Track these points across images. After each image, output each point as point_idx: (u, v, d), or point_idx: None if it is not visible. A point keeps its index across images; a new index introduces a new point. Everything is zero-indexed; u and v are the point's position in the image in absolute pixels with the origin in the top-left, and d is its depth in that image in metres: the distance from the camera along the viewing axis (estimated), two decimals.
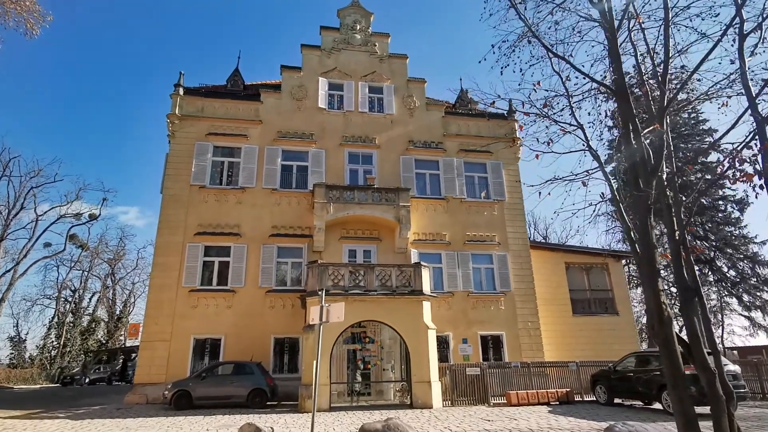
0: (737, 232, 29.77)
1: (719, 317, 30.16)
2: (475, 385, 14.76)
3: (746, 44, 5.03)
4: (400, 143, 20.48)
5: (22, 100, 71.91)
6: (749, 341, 31.41)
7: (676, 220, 5.22)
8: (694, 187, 19.84)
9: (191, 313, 16.60)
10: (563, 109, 6.65)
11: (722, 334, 30.42)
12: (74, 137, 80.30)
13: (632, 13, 5.97)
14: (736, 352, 29.01)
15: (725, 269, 30.03)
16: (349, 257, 18.30)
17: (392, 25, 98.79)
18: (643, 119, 6.04)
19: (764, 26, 5.27)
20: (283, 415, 12.27)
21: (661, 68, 5.75)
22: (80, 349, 38.15)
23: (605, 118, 7.11)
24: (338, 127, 20.25)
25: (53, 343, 37.83)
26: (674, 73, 6.21)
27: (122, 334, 42.77)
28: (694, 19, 6.17)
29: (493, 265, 19.41)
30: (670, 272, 24.05)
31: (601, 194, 6.20)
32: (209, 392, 13.80)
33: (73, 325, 38.77)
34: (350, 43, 21.87)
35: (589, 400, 14.89)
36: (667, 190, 5.36)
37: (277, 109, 19.99)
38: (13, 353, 37.71)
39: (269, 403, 14.30)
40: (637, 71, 6.27)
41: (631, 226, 5.72)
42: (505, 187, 20.67)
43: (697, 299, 5.17)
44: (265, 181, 18.77)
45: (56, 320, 39.12)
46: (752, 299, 29.32)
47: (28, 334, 50.10)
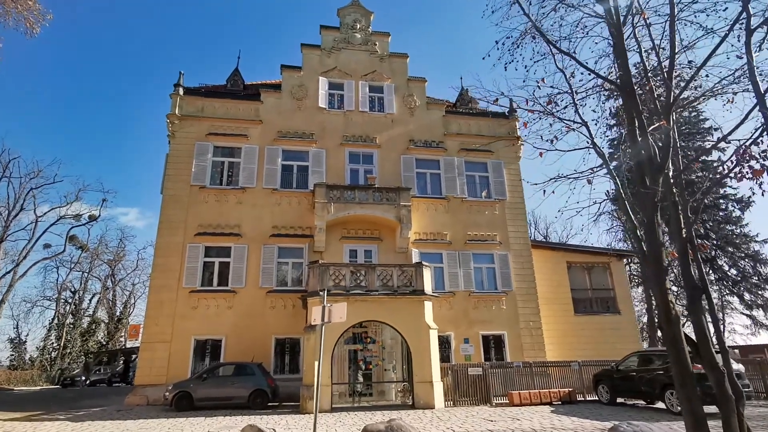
0: (738, 230, 29.76)
1: (720, 316, 30.13)
2: (477, 385, 14.70)
3: (753, 39, 4.98)
4: (400, 143, 20.43)
5: (22, 100, 71.96)
6: (750, 340, 31.41)
7: (682, 217, 5.17)
8: (695, 186, 19.81)
9: (192, 313, 16.54)
10: (567, 106, 6.61)
11: (723, 332, 30.39)
12: (74, 137, 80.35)
13: (637, 8, 5.93)
14: (737, 351, 28.93)
15: (726, 268, 30.01)
16: (349, 257, 18.25)
17: (392, 24, 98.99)
18: (646, 116, 5.98)
19: None
20: (284, 416, 12.22)
21: (666, 64, 5.71)
22: (80, 350, 38.09)
23: (609, 116, 7.06)
24: (339, 126, 20.19)
25: (53, 344, 37.76)
26: (680, 68, 6.14)
27: (122, 335, 42.72)
28: (699, 15, 6.12)
29: (494, 264, 19.36)
30: (671, 271, 23.98)
31: (606, 192, 6.16)
32: (210, 393, 13.75)
33: (73, 326, 38.71)
34: (350, 42, 21.81)
35: (591, 399, 14.85)
36: (673, 187, 5.31)
37: (277, 108, 19.94)
38: (13, 355, 37.63)
39: (270, 404, 14.24)
40: (641, 68, 6.21)
41: (636, 224, 5.67)
42: (506, 186, 20.61)
43: (704, 297, 5.13)
44: (265, 181, 18.72)
45: (56, 322, 39.07)
46: (754, 298, 29.32)
47: (28, 335, 50.36)
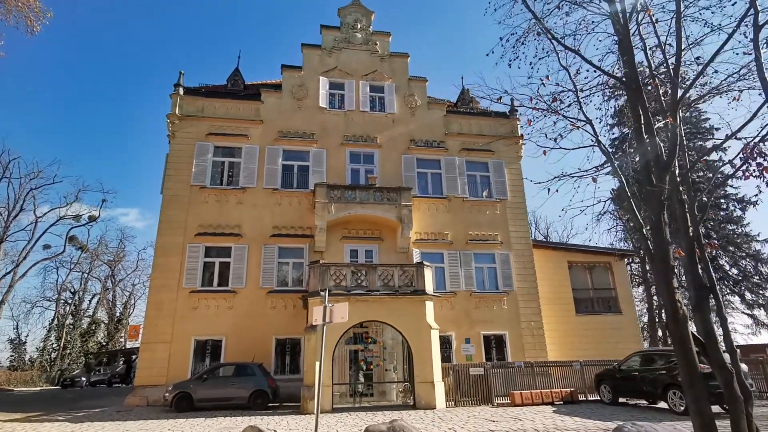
0: (740, 230, 29.69)
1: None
2: (478, 385, 14.64)
3: (761, 36, 4.94)
4: (401, 142, 20.37)
5: (22, 100, 71.98)
6: (751, 339, 31.34)
7: (689, 216, 5.12)
8: (698, 185, 19.77)
9: (192, 314, 16.48)
10: (570, 104, 6.55)
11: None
12: (74, 137, 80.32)
13: (643, 5, 5.87)
14: (739, 350, 28.89)
15: (727, 267, 29.93)
16: (350, 257, 18.18)
17: (393, 24, 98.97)
18: (651, 114, 5.93)
19: None
20: (285, 416, 12.16)
21: (672, 61, 5.65)
22: (80, 351, 38.02)
23: (613, 114, 7.02)
24: (339, 126, 20.14)
25: (53, 345, 37.70)
26: (687, 65, 6.10)
27: (122, 336, 42.66)
28: (704, 12, 6.07)
29: (495, 264, 19.30)
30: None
31: (611, 190, 6.12)
32: (210, 394, 13.68)
33: (73, 327, 38.66)
34: (351, 42, 21.76)
35: (593, 399, 14.80)
36: (680, 186, 5.26)
37: (277, 108, 19.88)
38: (13, 355, 37.57)
39: (271, 404, 14.17)
40: (646, 65, 6.16)
41: (642, 222, 5.61)
42: (507, 186, 20.56)
43: (712, 297, 5.08)
44: (265, 181, 18.66)
45: (56, 322, 39.00)
46: (755, 297, 29.22)
47: (28, 336, 50.22)
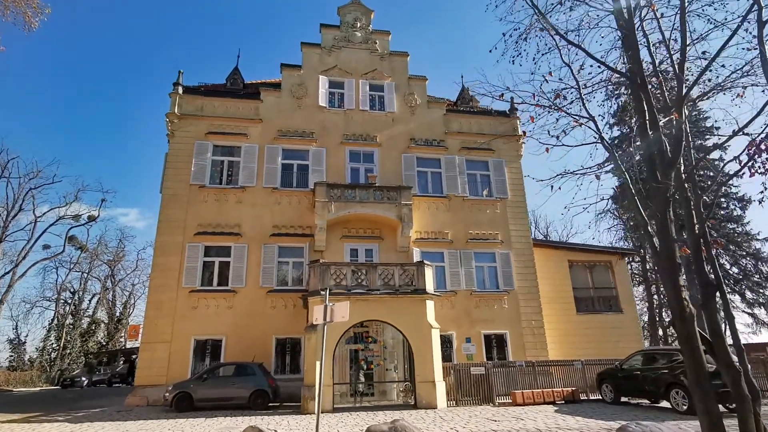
0: (740, 229, 29.68)
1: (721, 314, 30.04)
2: (479, 384, 14.59)
3: (766, 31, 4.89)
4: (401, 141, 20.32)
5: (22, 99, 71.87)
6: (752, 338, 31.32)
7: (695, 213, 5.07)
8: (700, 184, 19.70)
9: (192, 313, 16.42)
10: (573, 101, 6.50)
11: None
12: (74, 137, 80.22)
13: (647, 0, 5.82)
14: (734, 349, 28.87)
15: (728, 266, 29.92)
16: (350, 256, 18.13)
17: (392, 23, 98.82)
18: (656, 109, 5.87)
19: None
20: (285, 416, 12.11)
21: (677, 57, 5.60)
22: (80, 351, 37.97)
23: (613, 113, 6.96)
24: (339, 125, 20.08)
25: (53, 345, 37.67)
26: (692, 61, 6.05)
27: (122, 335, 42.62)
28: (707, 8, 6.02)
29: (495, 263, 19.25)
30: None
31: (613, 188, 6.06)
32: (210, 394, 13.63)
33: (72, 327, 38.61)
34: (351, 40, 21.69)
35: (594, 399, 14.74)
36: (685, 183, 5.21)
37: (277, 107, 19.82)
38: (12, 356, 37.54)
39: (271, 404, 14.12)
40: (650, 61, 6.11)
41: (647, 219, 5.56)
42: (507, 184, 20.51)
43: (719, 295, 5.03)
44: (265, 180, 18.60)
45: (56, 322, 38.97)
46: (755, 296, 29.25)
47: (27, 336, 50.06)
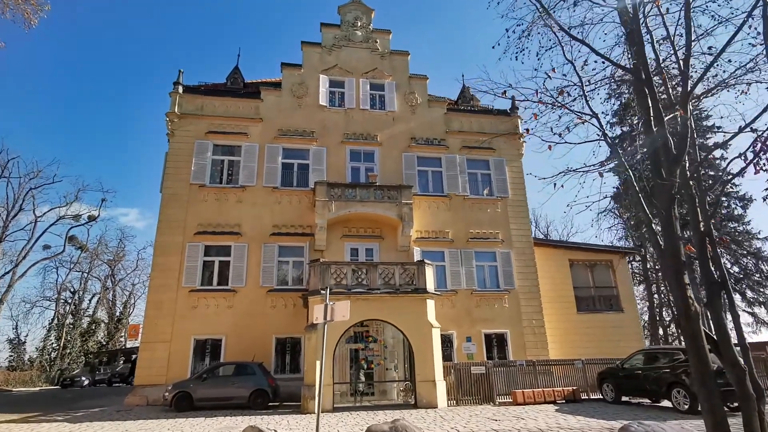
0: (741, 228, 29.63)
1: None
2: (480, 384, 14.56)
3: None
4: (402, 140, 20.27)
5: (22, 99, 71.81)
6: (752, 338, 31.26)
7: (700, 210, 5.03)
8: (703, 182, 19.65)
9: (191, 313, 16.38)
10: (575, 98, 6.45)
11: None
12: (74, 137, 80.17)
13: None
14: (739, 348, 28.82)
15: (729, 265, 29.86)
16: (351, 256, 18.09)
17: (393, 22, 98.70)
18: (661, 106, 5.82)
19: None
20: (285, 416, 12.07)
21: (681, 53, 5.55)
22: (80, 351, 37.94)
23: (614, 112, 6.92)
24: (339, 124, 20.03)
25: (53, 345, 37.66)
26: (697, 56, 5.99)
27: (122, 335, 42.59)
28: (711, 4, 5.97)
29: (496, 262, 19.20)
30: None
31: (615, 187, 6.01)
32: (210, 393, 13.60)
33: (72, 326, 38.59)
34: (351, 39, 21.64)
35: (595, 398, 14.71)
36: (690, 180, 5.17)
37: (277, 106, 19.77)
38: (12, 356, 37.52)
39: (271, 404, 14.09)
40: (654, 58, 6.06)
41: (650, 217, 5.52)
42: (508, 183, 20.46)
43: (724, 293, 4.99)
44: (265, 179, 18.55)
45: (56, 322, 38.95)
46: (756, 295, 29.18)
47: (27, 336, 50.11)
